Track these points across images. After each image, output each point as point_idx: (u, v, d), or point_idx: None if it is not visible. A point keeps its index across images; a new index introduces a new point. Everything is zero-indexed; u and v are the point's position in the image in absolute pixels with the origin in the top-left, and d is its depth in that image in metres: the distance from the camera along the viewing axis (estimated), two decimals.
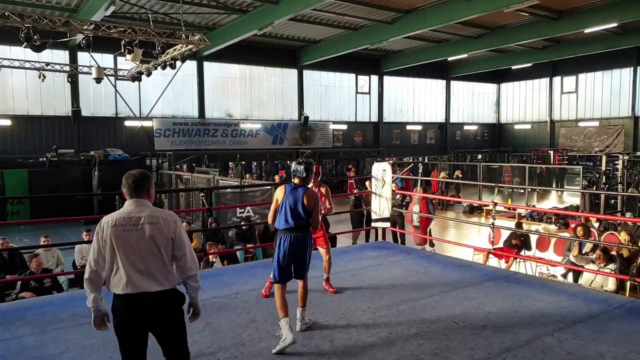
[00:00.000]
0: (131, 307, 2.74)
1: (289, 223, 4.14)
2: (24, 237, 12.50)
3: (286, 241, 4.14)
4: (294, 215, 4.13)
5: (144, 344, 2.85)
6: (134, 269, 2.72)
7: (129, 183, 2.87)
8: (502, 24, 20.33)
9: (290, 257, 4.14)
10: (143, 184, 2.89)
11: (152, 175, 3.05)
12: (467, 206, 16.80)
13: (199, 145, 22.44)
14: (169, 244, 2.81)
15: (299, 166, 4.26)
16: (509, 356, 3.72)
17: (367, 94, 28.21)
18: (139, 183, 2.88)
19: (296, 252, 4.15)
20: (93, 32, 11.90)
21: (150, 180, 2.97)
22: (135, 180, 2.88)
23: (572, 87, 29.88)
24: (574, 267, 7.14)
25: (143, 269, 2.73)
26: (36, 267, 6.92)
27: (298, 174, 4.24)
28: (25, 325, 4.48)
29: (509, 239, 8.68)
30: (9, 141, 18.73)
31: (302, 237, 4.16)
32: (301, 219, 4.14)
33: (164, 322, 2.83)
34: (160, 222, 2.80)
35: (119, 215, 2.80)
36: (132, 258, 2.73)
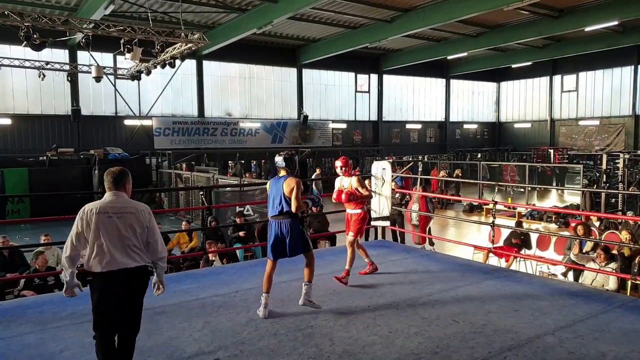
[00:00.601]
0: (110, 282, 3.17)
1: (274, 210, 4.62)
2: (25, 236, 12.48)
3: (274, 226, 4.62)
4: (277, 203, 4.60)
5: (115, 320, 3.24)
6: (116, 249, 3.17)
7: (109, 178, 3.34)
8: (502, 22, 20.30)
9: (278, 239, 4.59)
10: (121, 179, 3.38)
11: (129, 172, 3.50)
12: (467, 205, 16.79)
13: (199, 144, 22.43)
14: (144, 230, 3.32)
15: (278, 158, 4.73)
16: (509, 355, 3.71)
17: (366, 92, 28.20)
18: (118, 178, 3.35)
19: (283, 234, 4.58)
20: (92, 31, 11.90)
21: (128, 177, 3.44)
22: (115, 176, 3.35)
23: (573, 85, 29.87)
24: (574, 265, 7.13)
25: (124, 249, 3.20)
26: (42, 264, 6.96)
27: (278, 165, 4.72)
28: (25, 323, 4.48)
29: (509, 238, 8.67)
30: (9, 140, 18.72)
31: (286, 222, 4.58)
32: (282, 206, 4.56)
33: (133, 294, 3.27)
34: (138, 212, 3.32)
35: (102, 204, 3.28)
36: (114, 241, 3.18)
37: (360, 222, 5.82)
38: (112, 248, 3.17)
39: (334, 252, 7.28)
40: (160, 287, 3.52)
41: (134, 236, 3.26)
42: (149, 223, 3.36)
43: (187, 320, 4.46)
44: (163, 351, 3.82)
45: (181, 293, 5.28)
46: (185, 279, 5.95)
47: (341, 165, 5.90)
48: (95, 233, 3.18)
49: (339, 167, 5.93)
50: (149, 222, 3.36)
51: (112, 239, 3.18)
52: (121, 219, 3.24)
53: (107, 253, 3.16)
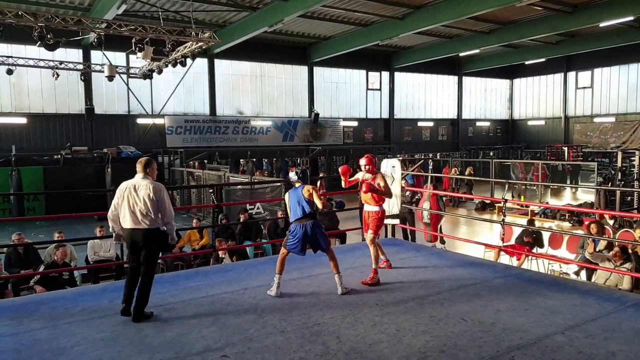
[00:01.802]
0: (130, 235, 4.55)
1: (296, 214, 5.18)
2: (39, 233, 12.67)
3: (299, 228, 5.15)
4: (299, 208, 5.16)
5: (136, 259, 4.61)
6: (133, 215, 4.48)
7: (139, 165, 4.67)
8: (514, 18, 20.08)
9: (303, 240, 5.14)
10: (146, 165, 4.66)
11: (153, 161, 4.81)
12: (479, 203, 16.68)
13: (210, 143, 22.53)
14: (155, 203, 4.49)
15: (292, 174, 5.46)
16: (517, 354, 3.68)
17: (378, 90, 28.10)
18: (144, 165, 4.65)
19: (307, 235, 5.13)
20: (105, 31, 12.01)
21: (152, 164, 4.74)
22: (143, 164, 4.66)
23: (588, 82, 29.45)
24: (588, 264, 7.05)
25: (138, 215, 4.47)
26: (61, 256, 7.11)
27: (292, 180, 5.40)
28: (37, 319, 4.55)
29: (520, 236, 8.60)
30: (25, 139, 18.99)
31: (309, 223, 5.14)
32: (304, 210, 5.13)
33: (145, 245, 4.53)
34: (151, 189, 4.51)
35: (130, 182, 4.60)
36: (132, 208, 4.48)
37: (379, 220, 5.86)
38: (130, 213, 4.47)
39: (343, 250, 7.28)
40: (171, 239, 4.75)
41: (146, 206, 4.45)
42: (159, 197, 4.52)
43: (196, 317, 4.49)
44: (171, 347, 3.86)
45: (190, 290, 5.33)
46: (195, 276, 5.99)
47: (365, 164, 5.89)
48: (122, 202, 4.52)
49: (363, 166, 5.91)
50: (159, 197, 4.52)
51: (131, 207, 4.47)
52: (139, 193, 4.48)
53: (128, 216, 4.47)
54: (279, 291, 5.06)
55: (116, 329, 4.25)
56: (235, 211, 11.30)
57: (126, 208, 4.48)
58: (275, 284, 5.08)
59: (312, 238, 5.15)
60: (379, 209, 5.87)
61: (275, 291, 5.05)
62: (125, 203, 4.49)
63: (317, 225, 5.20)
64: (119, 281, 6.92)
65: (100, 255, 8.26)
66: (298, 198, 5.18)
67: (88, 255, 8.30)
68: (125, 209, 4.49)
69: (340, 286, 5.14)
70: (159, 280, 5.83)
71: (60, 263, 7.09)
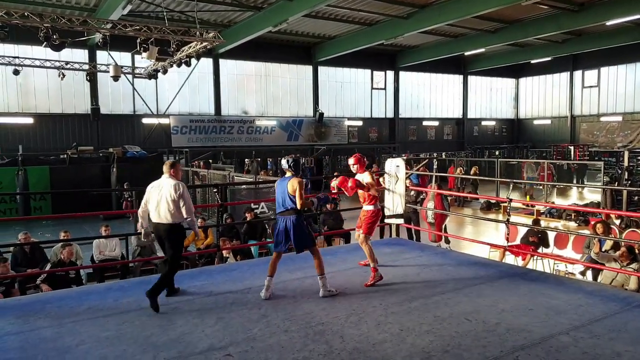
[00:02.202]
0: (155, 228, 5.09)
1: (280, 207, 5.06)
2: (46, 232, 12.76)
3: (280, 221, 5.05)
4: (281, 201, 5.05)
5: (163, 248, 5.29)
6: (157, 210, 5.00)
7: (165, 166, 5.18)
8: (520, 17, 20.01)
9: (284, 234, 4.98)
10: (170, 166, 5.17)
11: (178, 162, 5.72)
12: (485, 203, 16.62)
13: (215, 142, 22.60)
14: (176, 200, 4.94)
15: (283, 161, 5.29)
16: (522, 354, 3.67)
17: (382, 89, 28.07)
18: (170, 166, 5.16)
19: (287, 228, 4.96)
20: (110, 31, 12.08)
21: (176, 165, 5.27)
22: (168, 165, 5.18)
23: (594, 81, 29.30)
24: (594, 264, 7.01)
25: (160, 211, 4.98)
26: (67, 255, 7.14)
27: (284, 167, 5.22)
28: (43, 317, 4.57)
29: (526, 236, 8.56)
30: (32, 139, 19.12)
31: (290, 218, 4.97)
32: (286, 204, 5.00)
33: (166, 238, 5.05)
34: (173, 187, 4.98)
35: (157, 182, 5.11)
36: (156, 205, 4.99)
37: (371, 218, 5.71)
38: (155, 209, 5.01)
39: (348, 250, 7.27)
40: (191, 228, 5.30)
41: (167, 203, 4.93)
42: (178, 195, 4.96)
43: (200, 316, 4.50)
44: (175, 346, 3.87)
45: (194, 289, 5.34)
46: (199, 275, 6.01)
47: (353, 163, 5.80)
48: (149, 199, 5.07)
49: (351, 166, 5.82)
50: (179, 195, 4.96)
51: (156, 204, 4.99)
52: (162, 192, 4.97)
53: (154, 211, 5.02)
54: (268, 293, 4.93)
55: (121, 327, 4.27)
56: (240, 211, 11.32)
57: (152, 205, 5.03)
58: (264, 286, 4.96)
59: (292, 235, 4.93)
60: (373, 208, 5.73)
61: (265, 293, 4.92)
62: (152, 200, 5.04)
63: (300, 223, 4.96)
64: (124, 280, 6.96)
65: (106, 254, 8.30)
66: (283, 190, 5.02)
67: (93, 254, 8.34)
68: (152, 205, 5.03)
69: (322, 289, 4.98)
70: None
71: (66, 262, 7.14)
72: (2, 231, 11.43)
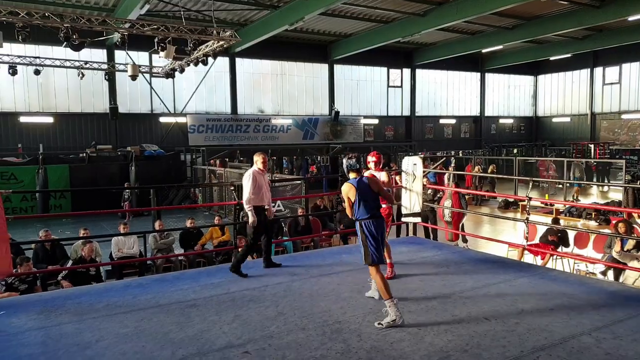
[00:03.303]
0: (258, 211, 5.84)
1: (372, 210, 4.55)
2: (66, 230, 12.95)
3: (371, 225, 4.51)
4: (373, 202, 4.61)
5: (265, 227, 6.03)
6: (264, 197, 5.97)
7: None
8: (539, 13, 19.71)
9: (381, 237, 4.57)
10: (254, 157, 6.00)
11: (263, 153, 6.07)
12: (503, 201, 16.44)
13: (232, 141, 22.71)
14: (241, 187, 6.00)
15: (351, 161, 4.88)
16: (542, 355, 3.61)
17: (399, 87, 27.91)
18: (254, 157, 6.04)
19: (382, 232, 4.61)
20: (128, 31, 12.20)
21: (256, 155, 6.00)
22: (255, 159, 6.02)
23: (615, 77, 28.75)
24: (615, 264, 6.88)
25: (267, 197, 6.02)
26: (88, 253, 7.23)
27: (354, 168, 4.79)
28: (64, 313, 4.65)
29: (545, 235, 8.44)
30: (52, 138, 19.44)
31: (382, 218, 4.68)
32: (377, 203, 4.66)
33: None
34: (243, 176, 6.04)
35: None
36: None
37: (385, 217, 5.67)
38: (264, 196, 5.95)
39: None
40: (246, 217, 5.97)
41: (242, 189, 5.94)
42: (243, 182, 5.81)
43: (218, 314, 4.53)
44: (194, 343, 3.89)
45: (212, 287, 5.37)
46: (217, 272, 6.04)
47: (375, 161, 5.79)
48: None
49: (372, 162, 5.81)
50: (243, 182, 5.81)
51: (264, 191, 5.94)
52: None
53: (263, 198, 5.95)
54: (399, 315, 4.18)
55: (139, 324, 4.32)
56: None
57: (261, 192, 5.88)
58: (392, 312, 4.20)
59: (384, 233, 4.68)
60: (385, 206, 5.58)
61: (394, 317, 4.17)
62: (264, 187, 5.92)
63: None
64: (142, 277, 7.04)
65: (124, 252, 8.39)
66: (367, 191, 4.59)
67: (112, 251, 8.44)
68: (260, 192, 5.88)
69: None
70: (181, 277, 5.93)
71: (87, 259, 7.23)
72: (23, 229, 11.64)
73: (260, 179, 5.91)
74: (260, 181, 5.88)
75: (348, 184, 4.64)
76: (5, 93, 18.73)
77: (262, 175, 5.97)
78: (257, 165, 5.95)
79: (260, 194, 5.86)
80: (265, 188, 5.98)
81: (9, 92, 18.76)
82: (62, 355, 3.74)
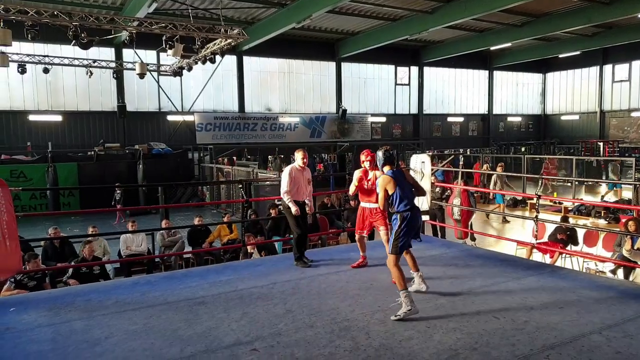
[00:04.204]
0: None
1: (411, 202, 4.58)
2: (74, 227, 13.02)
3: (412, 217, 4.53)
4: (411, 194, 4.66)
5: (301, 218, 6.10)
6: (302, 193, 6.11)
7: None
8: (548, 10, 19.56)
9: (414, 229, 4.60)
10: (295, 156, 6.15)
11: (301, 150, 6.15)
12: (511, 199, 16.33)
13: (239, 139, 22.75)
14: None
15: (388, 153, 4.82)
16: (552, 353, 3.58)
17: (406, 85, 27.83)
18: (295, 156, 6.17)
19: (419, 223, 4.77)
20: (136, 29, 12.25)
21: (295, 153, 6.13)
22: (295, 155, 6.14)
23: (625, 75, 28.50)
24: (626, 262, 6.82)
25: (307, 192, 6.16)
26: (88, 253, 7.21)
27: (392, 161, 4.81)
28: (73, 310, 4.67)
29: (554, 233, 8.37)
30: (61, 136, 19.57)
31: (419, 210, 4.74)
32: (413, 195, 4.71)
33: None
34: None
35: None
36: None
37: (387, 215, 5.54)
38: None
39: (372, 246, 7.20)
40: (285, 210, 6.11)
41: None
42: (281, 176, 6.05)
43: (226, 311, 4.53)
44: (202, 340, 3.90)
45: (220, 284, 5.38)
46: (225, 270, 6.05)
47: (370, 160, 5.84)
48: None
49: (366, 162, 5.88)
50: (282, 176, 6.04)
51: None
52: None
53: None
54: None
55: (148, 321, 4.33)
56: (264, 206, 11.37)
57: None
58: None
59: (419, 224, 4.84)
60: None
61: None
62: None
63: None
64: (150, 275, 7.07)
65: (132, 249, 8.42)
66: (406, 182, 4.68)
67: (120, 249, 8.47)
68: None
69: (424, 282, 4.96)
70: (190, 275, 5.94)
71: (88, 259, 7.20)
72: (33, 226, 11.73)
73: (298, 175, 6.02)
74: (297, 177, 6.01)
75: (386, 176, 4.61)
76: (14, 92, 18.87)
77: (301, 172, 6.07)
78: (296, 162, 6.06)
79: (295, 189, 6.00)
80: (304, 184, 6.07)
81: (18, 90, 18.90)
82: (72, 352, 3.75)
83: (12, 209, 5.16)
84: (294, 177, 5.98)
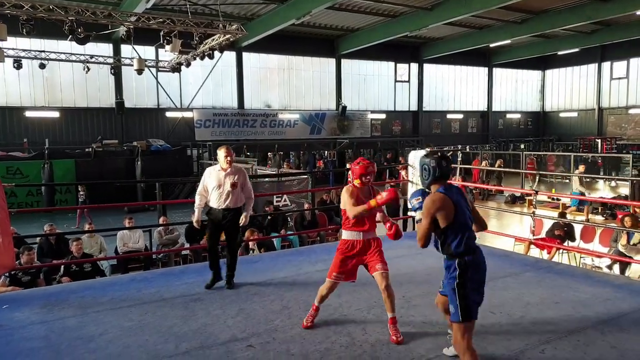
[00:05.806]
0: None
1: (473, 239, 3.10)
2: (71, 225, 13.01)
3: (480, 266, 3.09)
4: (471, 226, 3.19)
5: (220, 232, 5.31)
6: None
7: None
8: (547, 7, 19.51)
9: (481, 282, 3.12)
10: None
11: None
12: (509, 196, 16.35)
13: (239, 136, 22.70)
14: None
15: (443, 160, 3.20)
16: (548, 348, 3.58)
17: (406, 82, 27.78)
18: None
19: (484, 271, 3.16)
20: (134, 24, 12.16)
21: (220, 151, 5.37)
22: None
23: (623, 72, 28.46)
24: (622, 258, 6.82)
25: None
26: (77, 250, 7.16)
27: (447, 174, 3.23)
28: (67, 307, 4.64)
29: (551, 229, 8.39)
30: (58, 132, 19.50)
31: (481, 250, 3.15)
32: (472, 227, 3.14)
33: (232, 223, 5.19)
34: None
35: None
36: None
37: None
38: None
39: None
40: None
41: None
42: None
43: (222, 308, 4.52)
44: (197, 337, 3.88)
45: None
46: (223, 266, 6.02)
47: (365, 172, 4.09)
48: None
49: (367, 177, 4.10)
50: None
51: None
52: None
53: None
54: None
55: (143, 318, 4.31)
56: (262, 203, 11.35)
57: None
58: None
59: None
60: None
61: None
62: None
63: None
64: (147, 271, 7.04)
65: (129, 246, 8.40)
66: (464, 205, 3.15)
67: (117, 246, 8.46)
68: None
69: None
70: (186, 271, 5.93)
71: (78, 256, 7.15)
72: (28, 223, 11.68)
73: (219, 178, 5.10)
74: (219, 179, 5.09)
75: (439, 195, 3.07)
76: (10, 87, 18.76)
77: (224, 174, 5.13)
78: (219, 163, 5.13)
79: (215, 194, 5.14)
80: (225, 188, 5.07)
81: (14, 86, 18.80)
82: (65, 349, 3.73)
83: (5, 205, 5.13)
84: (214, 179, 5.05)
